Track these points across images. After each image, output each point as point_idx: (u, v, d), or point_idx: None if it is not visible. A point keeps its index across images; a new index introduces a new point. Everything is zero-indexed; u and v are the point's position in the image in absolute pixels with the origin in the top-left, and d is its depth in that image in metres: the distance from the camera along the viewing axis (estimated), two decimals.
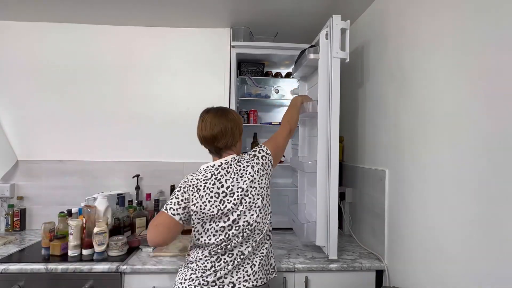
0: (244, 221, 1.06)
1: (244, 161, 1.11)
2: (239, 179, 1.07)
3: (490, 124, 0.81)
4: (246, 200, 1.06)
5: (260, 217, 1.08)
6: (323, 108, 1.37)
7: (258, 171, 1.11)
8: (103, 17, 1.81)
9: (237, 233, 1.05)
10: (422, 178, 1.12)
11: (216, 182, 1.06)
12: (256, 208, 1.07)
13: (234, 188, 1.06)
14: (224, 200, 1.05)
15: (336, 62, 1.33)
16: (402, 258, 1.24)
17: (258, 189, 1.09)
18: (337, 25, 1.33)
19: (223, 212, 1.04)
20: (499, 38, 0.79)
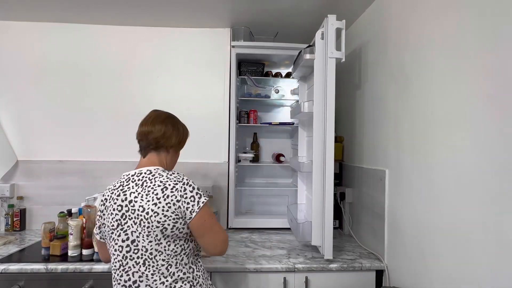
0: (142, 245, 0.93)
1: (158, 178, 0.98)
2: (142, 197, 0.95)
3: (490, 124, 0.81)
4: (145, 222, 0.92)
5: (161, 246, 0.93)
6: (319, 108, 1.37)
7: (168, 200, 0.93)
8: (103, 17, 1.81)
9: (135, 262, 0.93)
10: (422, 178, 1.12)
11: (121, 193, 0.98)
12: (155, 237, 0.92)
13: (136, 205, 0.94)
14: (125, 214, 0.95)
15: (331, 62, 1.33)
16: (402, 258, 1.24)
17: (160, 215, 0.92)
18: (332, 25, 1.33)
19: (122, 228, 0.94)
20: (499, 38, 0.79)
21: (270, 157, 2.20)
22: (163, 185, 0.95)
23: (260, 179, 2.21)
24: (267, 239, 1.68)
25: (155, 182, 0.97)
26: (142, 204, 0.94)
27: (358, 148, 1.71)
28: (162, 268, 0.93)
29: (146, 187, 0.96)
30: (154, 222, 0.92)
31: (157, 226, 0.92)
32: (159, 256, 0.93)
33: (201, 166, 1.93)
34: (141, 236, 0.93)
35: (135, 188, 0.97)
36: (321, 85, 1.36)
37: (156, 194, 0.94)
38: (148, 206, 0.93)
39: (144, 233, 0.93)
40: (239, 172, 2.12)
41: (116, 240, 0.95)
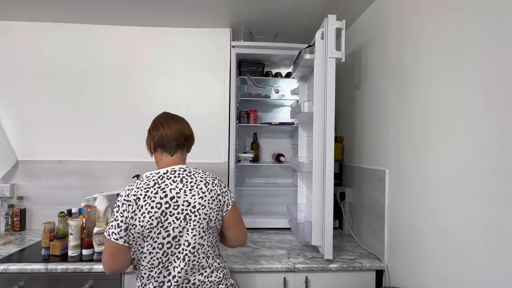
0: (185, 240, 0.96)
1: (198, 175, 1.03)
2: (186, 193, 0.98)
3: (490, 124, 0.81)
4: (192, 216, 0.96)
5: (205, 239, 0.98)
6: (319, 108, 1.37)
7: (212, 194, 1.00)
8: (103, 17, 1.81)
9: (177, 253, 0.95)
10: (422, 178, 1.12)
11: (159, 191, 0.96)
12: (201, 229, 0.97)
13: (179, 201, 0.96)
14: (166, 212, 0.94)
15: (331, 62, 1.33)
16: (402, 258, 1.24)
17: (207, 208, 0.98)
18: (332, 25, 1.32)
19: (162, 226, 0.94)
20: (499, 38, 0.79)
21: (270, 157, 2.20)
22: (205, 180, 1.02)
23: (260, 179, 2.21)
24: (267, 239, 1.68)
25: (196, 178, 1.02)
26: (187, 199, 0.97)
27: (358, 148, 1.71)
28: (202, 261, 0.99)
29: (187, 183, 1.00)
30: (202, 214, 0.97)
31: (204, 218, 0.97)
32: (201, 249, 0.98)
33: (201, 166, 1.90)
34: (185, 231, 0.96)
35: (174, 184, 0.99)
36: (321, 85, 1.36)
37: (200, 189, 0.99)
38: (194, 200, 0.97)
39: (188, 227, 0.96)
40: (239, 172, 2.12)
41: (156, 238, 0.94)
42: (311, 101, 1.40)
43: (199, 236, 0.97)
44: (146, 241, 0.95)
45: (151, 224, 0.93)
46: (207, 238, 1.00)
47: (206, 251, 1.00)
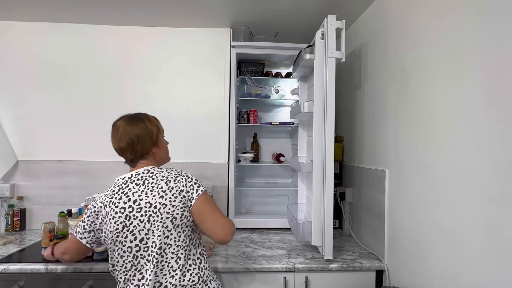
0: (152, 242, 0.95)
1: (159, 174, 1.01)
2: (147, 194, 0.97)
3: (490, 124, 0.81)
4: (154, 216, 0.95)
5: (171, 238, 0.96)
6: (319, 108, 1.37)
7: (173, 191, 0.98)
8: (103, 17, 1.81)
9: (146, 255, 0.95)
10: (422, 178, 1.12)
11: (123, 196, 0.98)
12: (165, 229, 0.95)
13: (142, 203, 0.96)
14: (129, 215, 0.95)
15: (331, 62, 1.33)
16: (402, 258, 1.24)
17: (169, 206, 0.96)
18: (332, 25, 1.32)
19: (129, 230, 0.95)
20: (499, 38, 0.79)
21: (270, 157, 2.20)
22: (166, 179, 1.00)
23: (260, 179, 2.21)
24: (267, 239, 1.68)
25: (157, 178, 1.00)
26: (148, 200, 0.96)
27: (358, 148, 1.71)
28: (171, 262, 0.96)
29: (149, 184, 0.99)
30: (164, 213, 0.95)
31: (167, 217, 0.95)
32: (168, 249, 0.96)
33: (201, 166, 1.93)
34: (150, 232, 0.95)
35: (137, 187, 0.99)
36: (321, 85, 1.36)
37: (161, 188, 0.97)
38: (155, 200, 0.96)
39: (153, 228, 0.95)
40: (239, 172, 2.12)
41: (124, 242, 0.96)
42: (311, 101, 1.40)
43: (164, 236, 0.95)
44: (116, 246, 0.97)
45: (117, 229, 0.95)
46: (175, 237, 0.96)
47: (176, 251, 0.97)
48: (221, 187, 1.92)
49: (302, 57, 1.45)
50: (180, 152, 1.93)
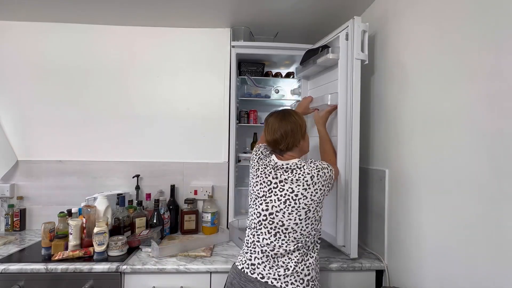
0: (279, 220, 1.06)
1: (307, 168, 1.09)
2: (293, 182, 1.07)
3: (490, 124, 0.81)
4: (291, 203, 1.05)
5: (300, 226, 1.06)
6: (342, 109, 1.37)
7: (316, 183, 1.07)
8: (103, 17, 1.81)
9: (268, 230, 1.07)
10: (422, 178, 1.12)
11: (273, 172, 1.11)
12: (297, 215, 1.05)
13: (286, 186, 1.07)
14: (273, 190, 1.09)
15: (357, 63, 1.34)
16: (402, 258, 1.24)
17: (308, 199, 1.06)
18: (358, 27, 1.34)
19: (265, 200, 1.09)
20: (499, 38, 0.79)
21: None
22: (310, 172, 1.08)
23: None
24: None
25: (304, 170, 1.08)
26: (292, 186, 1.07)
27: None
28: (290, 243, 1.06)
29: (296, 174, 1.08)
30: (302, 204, 1.05)
31: (303, 208, 1.05)
32: (293, 233, 1.06)
33: (201, 166, 1.93)
34: (281, 212, 1.06)
35: (285, 174, 1.09)
36: (345, 86, 1.37)
37: (306, 181, 1.06)
38: (298, 190, 1.06)
39: (286, 210, 1.06)
40: (239, 172, 2.12)
41: (258, 206, 1.11)
42: (335, 93, 1.39)
43: (294, 222, 1.07)
44: (252, 201, 1.16)
45: (259, 193, 1.12)
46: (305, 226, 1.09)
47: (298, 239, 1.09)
48: (221, 187, 1.92)
49: (325, 56, 1.43)
50: (180, 152, 1.93)
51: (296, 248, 1.06)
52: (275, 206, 1.07)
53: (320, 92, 1.64)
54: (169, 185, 1.84)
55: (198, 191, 1.88)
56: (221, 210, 1.91)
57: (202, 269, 1.31)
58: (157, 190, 1.86)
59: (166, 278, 1.31)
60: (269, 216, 1.08)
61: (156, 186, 1.87)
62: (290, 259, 1.06)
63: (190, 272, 1.31)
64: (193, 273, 1.31)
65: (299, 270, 1.05)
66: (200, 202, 1.89)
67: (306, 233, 1.07)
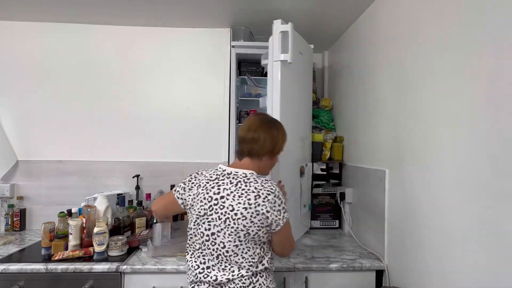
0: (220, 241, 0.97)
1: (254, 184, 0.99)
2: (234, 198, 0.97)
3: (490, 124, 0.81)
4: (231, 222, 0.95)
5: (239, 248, 0.96)
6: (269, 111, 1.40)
7: (258, 208, 0.95)
8: (103, 17, 1.81)
9: (211, 251, 0.98)
10: (422, 178, 1.12)
11: (215, 186, 1.01)
12: (236, 237, 0.95)
13: (226, 203, 0.97)
14: (213, 208, 0.98)
15: (276, 65, 1.38)
16: (402, 258, 1.24)
17: (247, 220, 0.94)
18: (277, 29, 1.37)
19: (207, 218, 0.99)
20: (500, 38, 0.79)
21: None
22: (257, 192, 0.97)
23: None
24: None
25: (249, 187, 0.98)
26: (233, 204, 0.96)
27: (358, 148, 1.71)
28: (234, 267, 0.98)
29: (239, 189, 0.98)
30: (240, 225, 0.95)
31: (242, 230, 0.95)
32: (234, 257, 0.97)
33: (201, 166, 1.90)
34: (222, 233, 0.97)
35: (229, 186, 1.00)
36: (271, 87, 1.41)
37: (248, 199, 0.96)
38: (238, 208, 0.95)
39: (226, 231, 0.96)
40: None
41: (200, 226, 1.01)
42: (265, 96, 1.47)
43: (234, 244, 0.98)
44: (194, 225, 1.03)
45: (200, 213, 1.01)
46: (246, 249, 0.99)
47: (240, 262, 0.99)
48: None
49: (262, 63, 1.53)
50: (180, 152, 1.93)
51: (239, 275, 0.97)
52: (216, 226, 0.97)
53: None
54: (169, 185, 1.84)
55: None
56: None
57: None
58: (157, 190, 1.86)
59: (166, 278, 1.31)
60: (211, 236, 0.98)
61: (156, 186, 1.87)
62: (235, 285, 0.97)
63: None
64: None
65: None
66: None
67: (248, 257, 0.98)
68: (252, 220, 0.95)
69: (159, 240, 1.38)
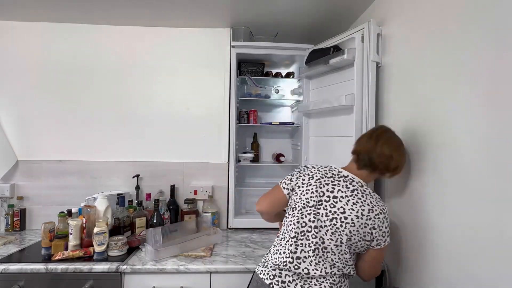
0: (321, 235, 0.98)
1: (369, 198, 1.00)
2: (348, 202, 0.99)
3: (490, 124, 0.81)
4: (338, 223, 0.97)
5: (338, 249, 0.98)
6: (358, 110, 1.40)
7: (368, 222, 0.97)
8: (103, 17, 1.81)
9: (310, 242, 0.99)
10: (422, 178, 1.12)
11: (330, 183, 1.03)
12: (339, 237, 0.97)
13: (338, 204, 0.99)
14: (323, 203, 1.00)
15: (373, 65, 1.39)
16: (402, 258, 1.24)
17: (356, 227, 0.96)
18: (374, 30, 1.38)
19: (313, 210, 1.00)
20: (500, 38, 0.79)
21: (270, 157, 2.20)
22: (371, 206, 0.99)
23: (260, 179, 2.20)
24: (267, 239, 1.68)
25: (366, 199, 1.00)
26: (346, 208, 0.98)
27: None
28: (327, 264, 0.98)
29: (355, 196, 1.00)
30: (347, 229, 0.97)
31: (347, 234, 0.97)
32: (332, 255, 0.98)
33: (201, 166, 1.93)
34: (325, 229, 0.99)
35: (345, 189, 1.01)
36: (360, 86, 1.41)
37: (362, 210, 0.98)
38: (350, 213, 0.97)
39: (330, 229, 0.98)
40: (239, 172, 2.12)
41: (304, 216, 1.01)
42: (352, 94, 1.42)
43: (334, 243, 0.99)
44: (295, 212, 1.04)
45: (308, 202, 1.02)
46: (344, 252, 1.00)
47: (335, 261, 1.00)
48: (221, 187, 1.92)
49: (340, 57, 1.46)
50: (180, 152, 1.93)
51: (332, 273, 0.98)
52: (321, 221, 0.99)
53: (325, 92, 1.65)
54: (169, 185, 1.84)
55: (198, 191, 1.88)
56: (221, 210, 1.90)
57: (202, 269, 1.31)
58: (157, 190, 1.86)
59: (166, 278, 1.31)
60: (313, 229, 0.99)
61: (156, 186, 1.87)
62: (326, 280, 0.98)
63: (190, 272, 1.31)
64: (193, 273, 1.31)
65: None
66: (200, 202, 1.89)
67: (343, 259, 0.99)
68: (358, 230, 0.97)
69: (152, 245, 1.36)
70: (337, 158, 1.58)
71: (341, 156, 1.53)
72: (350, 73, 1.47)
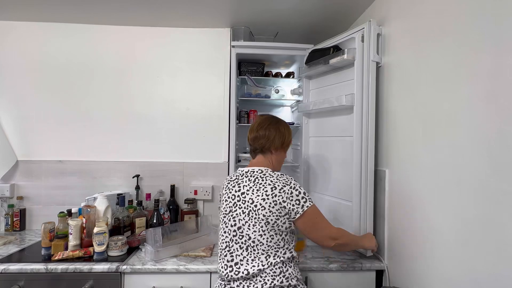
0: (246, 233, 1.07)
1: (269, 178, 1.09)
2: (254, 192, 1.08)
3: (490, 124, 0.81)
4: (252, 214, 1.06)
5: (263, 237, 1.04)
6: (358, 110, 1.40)
7: (275, 199, 1.04)
8: (103, 17, 1.81)
9: (240, 244, 1.07)
10: (422, 178, 1.12)
11: (235, 185, 1.14)
12: (259, 226, 1.05)
13: (247, 197, 1.09)
14: (237, 204, 1.10)
15: (373, 65, 1.39)
16: (402, 258, 1.24)
17: (266, 210, 1.04)
18: (374, 29, 1.38)
19: (232, 215, 1.10)
20: (500, 38, 0.79)
21: None
22: (273, 184, 1.07)
23: None
24: None
25: (266, 181, 1.09)
26: (252, 197, 1.07)
27: None
28: (261, 257, 1.05)
29: (257, 183, 1.09)
30: (260, 215, 1.05)
31: (262, 219, 1.04)
32: (260, 246, 1.05)
33: (201, 166, 1.93)
34: (247, 225, 1.07)
35: (248, 182, 1.12)
36: (360, 86, 1.40)
37: (265, 191, 1.06)
38: (257, 200, 1.06)
39: (250, 222, 1.06)
40: None
41: (227, 223, 1.12)
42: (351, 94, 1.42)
43: (258, 233, 1.06)
44: (222, 225, 1.14)
45: (226, 211, 1.13)
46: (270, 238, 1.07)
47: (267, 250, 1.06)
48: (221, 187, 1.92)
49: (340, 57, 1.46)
50: (180, 152, 1.93)
51: (269, 263, 1.03)
52: (241, 220, 1.08)
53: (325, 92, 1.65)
54: (169, 185, 1.84)
55: (198, 191, 1.88)
56: None
57: (202, 269, 1.31)
58: (157, 190, 1.86)
59: (166, 278, 1.31)
60: (238, 231, 1.08)
61: (156, 186, 1.87)
62: (266, 273, 1.03)
63: (190, 272, 1.31)
64: (193, 273, 1.31)
65: (277, 283, 1.02)
66: (200, 202, 1.89)
67: (273, 245, 1.05)
68: (270, 210, 1.04)
69: (152, 245, 1.36)
70: (337, 158, 1.58)
71: (341, 156, 1.54)
72: (350, 73, 1.47)
